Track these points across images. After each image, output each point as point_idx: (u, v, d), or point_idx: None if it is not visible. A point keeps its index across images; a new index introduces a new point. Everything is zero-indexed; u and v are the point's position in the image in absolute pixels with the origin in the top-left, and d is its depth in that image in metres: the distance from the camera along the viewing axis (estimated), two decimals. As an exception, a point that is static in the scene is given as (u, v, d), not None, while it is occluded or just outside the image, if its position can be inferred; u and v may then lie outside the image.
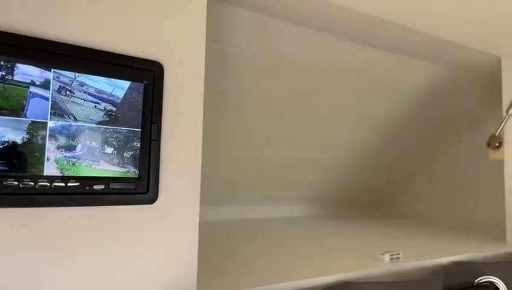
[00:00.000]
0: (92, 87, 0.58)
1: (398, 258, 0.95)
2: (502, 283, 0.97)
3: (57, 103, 0.56)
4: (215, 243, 1.17)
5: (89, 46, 0.58)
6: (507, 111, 1.22)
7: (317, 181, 1.77)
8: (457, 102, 1.60)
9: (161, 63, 0.63)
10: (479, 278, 0.97)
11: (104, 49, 0.59)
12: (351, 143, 1.63)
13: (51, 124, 0.55)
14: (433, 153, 1.92)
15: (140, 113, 0.61)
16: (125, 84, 0.60)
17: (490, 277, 0.97)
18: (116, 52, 0.60)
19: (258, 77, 1.19)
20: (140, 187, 0.60)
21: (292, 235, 1.35)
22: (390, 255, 0.94)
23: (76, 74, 0.57)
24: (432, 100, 1.54)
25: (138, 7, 0.62)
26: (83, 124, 0.57)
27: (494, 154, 1.27)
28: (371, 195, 2.07)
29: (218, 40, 1.03)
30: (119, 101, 0.60)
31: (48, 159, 0.55)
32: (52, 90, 0.55)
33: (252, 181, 1.60)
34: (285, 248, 1.11)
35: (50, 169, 0.55)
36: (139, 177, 0.60)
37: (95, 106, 0.58)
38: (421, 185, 2.04)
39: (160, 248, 0.62)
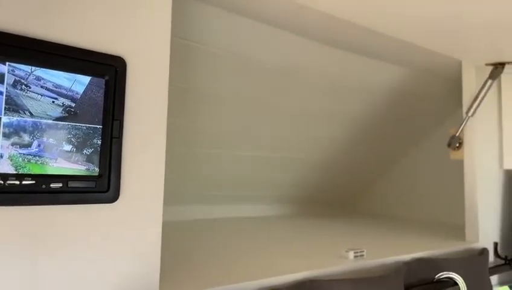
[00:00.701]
0: (49, 81, 0.56)
1: (362, 255, 0.97)
2: (460, 278, 1.01)
3: (11, 97, 0.53)
4: (181, 243, 1.15)
5: (46, 39, 0.56)
6: (467, 112, 1.27)
7: (286, 180, 1.78)
8: (421, 103, 1.65)
9: (123, 58, 0.61)
10: (439, 274, 1.01)
11: (62, 43, 0.57)
12: (318, 143, 1.66)
13: (5, 119, 0.53)
14: (397, 153, 1.97)
15: (101, 109, 0.59)
16: (86, 79, 0.59)
17: (449, 272, 1.01)
18: (76, 46, 0.58)
19: (225, 75, 1.19)
20: (100, 186, 0.58)
21: (259, 234, 1.36)
22: (355, 252, 0.96)
23: (33, 67, 0.55)
24: (396, 101, 1.59)
25: (100, 1, 0.60)
26: (39, 120, 0.55)
27: (454, 154, 1.32)
28: (338, 194, 2.10)
29: (184, 36, 1.02)
30: (78, 96, 0.58)
31: (1, 156, 0.52)
32: (7, 84, 0.53)
33: (220, 180, 1.59)
34: (251, 247, 1.11)
35: (4, 166, 0.52)
36: (100, 175, 0.59)
37: (53, 101, 0.56)
38: (386, 184, 2.09)
39: (122, 248, 0.61)
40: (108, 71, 0.60)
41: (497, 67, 1.25)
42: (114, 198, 0.59)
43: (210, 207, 1.71)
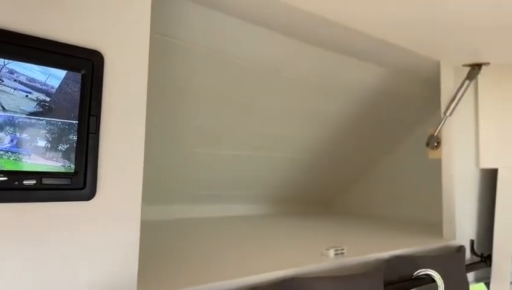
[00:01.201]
0: (23, 75, 0.54)
1: (343, 253, 0.98)
2: (438, 275, 1.02)
3: (-18, 91, 0.51)
4: (162, 242, 1.14)
5: (19, 32, 0.54)
6: (445, 112, 1.29)
7: (268, 180, 1.78)
8: (400, 103, 1.67)
9: (101, 52, 0.60)
10: (418, 271, 1.02)
11: (36, 35, 0.55)
12: (299, 142, 1.66)
13: (-25, 113, 0.51)
14: (378, 153, 2.00)
15: (78, 104, 0.58)
16: (61, 73, 0.57)
17: (428, 269, 1.03)
18: (51, 38, 0.56)
19: (207, 73, 1.18)
20: (76, 183, 0.57)
21: (241, 233, 1.35)
22: (335, 250, 0.96)
23: (5, 60, 0.53)
24: (376, 101, 1.60)
25: (77, -7, 0.59)
26: (12, 114, 0.53)
27: (432, 154, 1.34)
28: (320, 194, 2.12)
29: (165, 33, 1.01)
30: (53, 91, 0.56)
31: (-30, 152, 0.50)
32: (-23, 77, 0.51)
33: (203, 179, 1.58)
34: (232, 246, 1.10)
35: (-27, 163, 0.50)
36: (75, 172, 0.57)
37: (27, 96, 0.54)
38: (367, 184, 2.12)
39: (98, 246, 0.59)
40: (85, 65, 0.58)
41: (474, 68, 1.28)
42: (90, 195, 0.58)
43: (193, 206, 1.69)
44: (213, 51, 1.12)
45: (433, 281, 1.02)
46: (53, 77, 0.56)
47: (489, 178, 1.39)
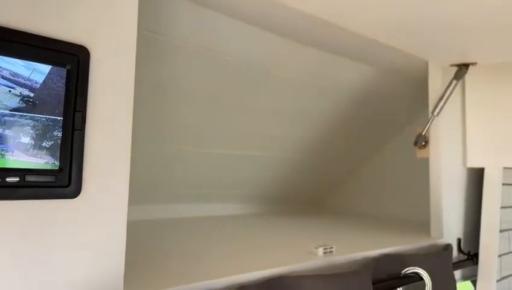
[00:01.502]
0: (6, 70, 0.53)
1: (332, 251, 0.98)
2: (425, 272, 1.03)
3: (-37, 85, 0.50)
4: (149, 241, 1.12)
5: (2, 25, 0.52)
6: (433, 112, 1.31)
7: (257, 179, 1.78)
8: (389, 103, 1.68)
9: (87, 47, 0.59)
10: (406, 269, 1.03)
11: (20, 29, 0.54)
12: (288, 142, 1.66)
13: (-45, 109, 0.49)
14: (367, 152, 2.01)
15: (63, 100, 0.56)
16: (46, 68, 0.56)
17: (415, 267, 1.03)
18: (35, 33, 0.55)
19: (195, 70, 1.17)
20: (61, 180, 0.56)
21: (229, 232, 1.34)
22: (324, 248, 0.97)
23: (-12, 54, 0.52)
24: (365, 101, 1.61)
25: (62, -14, 0.57)
26: (-6, 110, 0.52)
27: (420, 153, 1.35)
28: (309, 193, 2.12)
29: (153, 29, 0.99)
30: (38, 86, 0.55)
31: (-50, 148, 0.49)
32: (-42, 71, 0.50)
33: (190, 178, 1.57)
34: (220, 245, 1.09)
35: (-47, 159, 0.49)
36: (60, 169, 0.56)
37: (10, 91, 0.53)
38: (355, 183, 2.13)
39: (84, 245, 0.58)
40: (70, 60, 0.57)
41: (462, 68, 1.30)
42: (75, 193, 0.57)
43: (181, 206, 1.68)
44: (203, 49, 1.11)
45: (421, 279, 1.03)
46: (37, 72, 0.55)
47: (476, 177, 1.41)
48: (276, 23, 1.06)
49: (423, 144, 1.34)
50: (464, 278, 1.35)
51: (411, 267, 1.03)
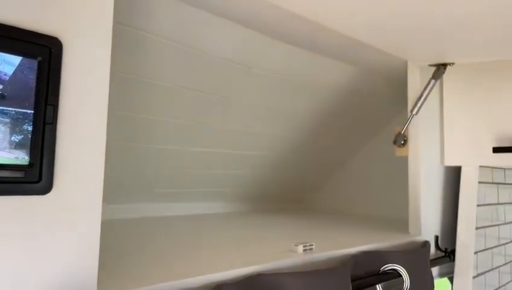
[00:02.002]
0: (-27, 61, 0.51)
1: (312, 249, 0.98)
2: (403, 269, 1.04)
3: None
4: (127, 240, 1.10)
5: (-31, 14, 0.50)
6: (411, 111, 1.32)
7: (238, 178, 1.77)
8: (369, 102, 1.70)
9: (59, 39, 0.57)
10: (384, 266, 1.04)
11: (-12, 18, 0.52)
12: (269, 140, 1.66)
13: None
14: (347, 151, 2.02)
15: (33, 93, 0.55)
16: (16, 59, 0.54)
17: (394, 264, 1.04)
18: (4, 23, 0.53)
19: (174, 67, 1.15)
20: (31, 176, 0.54)
21: (209, 231, 1.33)
22: (304, 246, 0.97)
23: (-47, 44, 0.50)
24: (346, 100, 1.62)
25: (34, -24, 0.56)
26: (-40, 102, 0.50)
27: (399, 151, 1.37)
28: (291, 191, 2.12)
29: (131, 24, 0.98)
30: (7, 78, 0.53)
31: None
32: None
33: (171, 177, 1.55)
34: (200, 244, 1.08)
35: None
36: (30, 164, 0.54)
37: (-23, 83, 0.51)
38: (336, 181, 2.14)
39: (56, 244, 0.56)
40: (42, 52, 0.55)
41: (440, 68, 1.32)
42: (46, 189, 0.55)
43: (158, 205, 1.66)
44: (183, 45, 1.10)
45: (399, 275, 1.04)
46: (6, 63, 0.53)
47: (454, 176, 1.43)
48: (257, 20, 1.06)
49: (402, 142, 1.35)
50: (441, 275, 1.37)
51: (389, 264, 1.04)
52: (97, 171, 0.61)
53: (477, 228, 1.37)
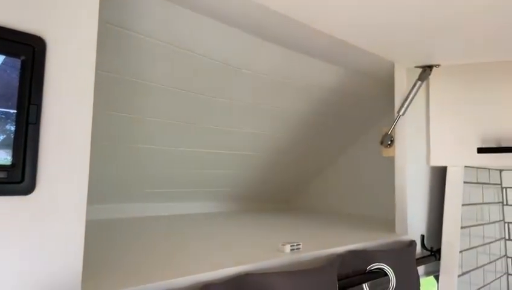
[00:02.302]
0: (-46, 59, 0.50)
1: (299, 248, 0.99)
2: (389, 268, 1.05)
3: None
4: (113, 241, 1.10)
5: (-50, 11, 0.50)
6: (398, 112, 1.34)
7: (226, 177, 1.77)
8: (357, 103, 1.71)
9: (43, 38, 0.56)
10: (371, 265, 1.05)
11: (-31, 16, 0.51)
12: (257, 139, 1.66)
13: None
14: (335, 151, 2.04)
15: (17, 92, 0.54)
16: (-2, 58, 0.53)
17: (380, 263, 1.05)
18: (-13, 21, 0.52)
19: (162, 67, 1.15)
20: (13, 176, 0.53)
21: (197, 231, 1.33)
22: (291, 246, 0.97)
23: None
24: (334, 100, 1.63)
25: (17, -26, 0.55)
26: None
27: (386, 152, 1.38)
28: (279, 191, 2.13)
29: (118, 23, 0.97)
30: (-11, 77, 0.52)
31: None
32: None
33: (158, 177, 1.54)
34: (187, 243, 1.08)
35: None
36: (13, 165, 0.53)
37: (-42, 82, 0.50)
38: (324, 181, 2.16)
39: (39, 244, 0.56)
40: (25, 51, 0.55)
41: (426, 70, 1.33)
42: (29, 190, 0.54)
43: (147, 205, 1.65)
44: (171, 45, 1.10)
45: (386, 274, 1.05)
46: (-12, 62, 0.52)
47: (439, 176, 1.45)
48: (246, 21, 1.06)
49: (389, 143, 1.37)
50: (427, 274, 1.39)
51: (376, 263, 1.05)
52: (82, 171, 0.60)
53: (462, 228, 1.39)
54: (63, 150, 0.58)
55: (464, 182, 1.39)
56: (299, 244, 0.99)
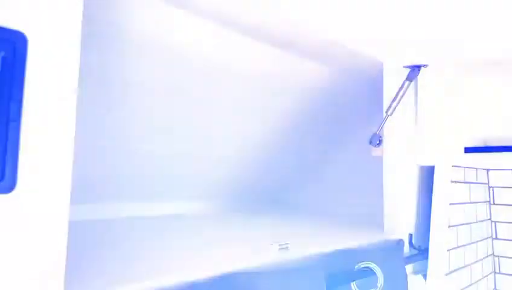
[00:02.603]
0: None
1: (287, 248, 0.98)
2: (377, 267, 1.05)
3: None
4: (97, 242, 1.08)
5: None
6: (387, 111, 1.34)
7: (214, 177, 1.76)
8: (346, 102, 1.72)
9: (24, 34, 0.55)
10: (359, 264, 1.05)
11: None
12: (246, 139, 1.66)
13: None
14: (323, 150, 2.04)
15: (-4, 89, 0.53)
16: (-23, 54, 0.52)
17: (368, 262, 1.06)
18: (-35, 16, 0.51)
19: (148, 65, 1.14)
20: (-7, 174, 0.52)
21: (184, 231, 1.32)
22: (279, 245, 0.97)
23: None
24: (323, 100, 1.64)
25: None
26: None
27: (375, 151, 1.39)
28: (268, 191, 2.13)
29: (106, 22, 0.96)
30: (-32, 73, 0.51)
31: None
32: None
33: (143, 176, 1.53)
34: (173, 244, 1.07)
35: None
36: (-7, 162, 0.52)
37: None
38: (313, 181, 2.16)
39: (19, 244, 0.54)
40: (6, 47, 0.53)
41: (414, 70, 1.34)
42: (10, 188, 0.53)
43: (134, 205, 1.63)
44: (159, 44, 1.09)
45: (374, 273, 1.05)
46: (-33, 58, 0.51)
47: (427, 175, 1.46)
48: (235, 21, 1.06)
49: (378, 142, 1.37)
50: (415, 273, 1.40)
51: (364, 262, 1.05)
52: (64, 170, 0.59)
53: (450, 226, 1.40)
54: (44, 148, 0.57)
55: (452, 181, 1.40)
56: (288, 244, 0.99)
